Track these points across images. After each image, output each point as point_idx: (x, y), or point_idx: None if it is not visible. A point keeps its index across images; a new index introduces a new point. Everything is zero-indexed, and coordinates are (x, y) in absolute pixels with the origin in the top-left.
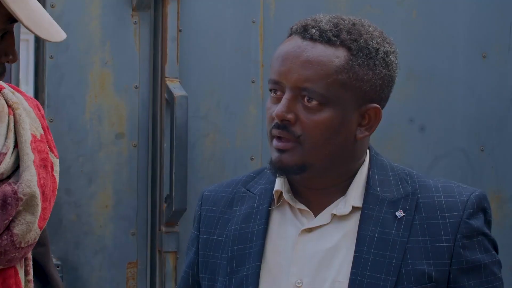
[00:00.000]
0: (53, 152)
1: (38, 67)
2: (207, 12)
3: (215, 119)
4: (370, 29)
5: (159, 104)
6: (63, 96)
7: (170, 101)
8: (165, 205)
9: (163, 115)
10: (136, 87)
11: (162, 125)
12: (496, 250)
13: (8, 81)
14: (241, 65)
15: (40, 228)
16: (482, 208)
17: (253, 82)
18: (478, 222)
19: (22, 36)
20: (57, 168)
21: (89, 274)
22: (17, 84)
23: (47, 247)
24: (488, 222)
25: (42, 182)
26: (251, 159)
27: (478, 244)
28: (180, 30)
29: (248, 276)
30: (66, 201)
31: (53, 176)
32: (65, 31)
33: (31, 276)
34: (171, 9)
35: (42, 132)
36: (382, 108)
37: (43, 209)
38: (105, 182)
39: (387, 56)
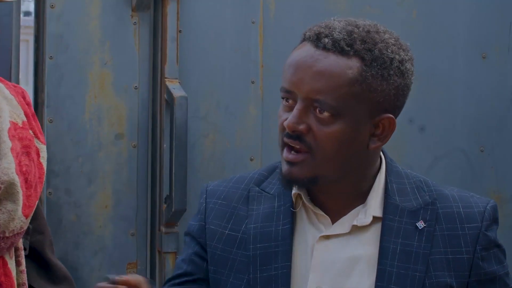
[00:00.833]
0: (38, 138)
1: (37, 67)
2: (206, 13)
3: (215, 119)
4: (386, 36)
5: (159, 104)
6: (62, 96)
7: (170, 101)
8: (164, 205)
9: (162, 116)
10: (135, 88)
11: (161, 126)
12: (505, 258)
13: (8, 81)
14: (240, 65)
15: (26, 216)
16: (495, 220)
17: (252, 82)
18: (493, 233)
19: (22, 37)
20: (43, 154)
21: (89, 275)
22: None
23: (45, 234)
24: (497, 232)
25: (24, 169)
26: (251, 159)
27: (494, 256)
28: (180, 31)
29: (278, 275)
30: (65, 201)
31: (40, 163)
32: (64, 31)
33: (23, 267)
34: (170, 10)
35: (24, 119)
36: (397, 116)
37: (28, 196)
38: (104, 183)
39: (402, 65)
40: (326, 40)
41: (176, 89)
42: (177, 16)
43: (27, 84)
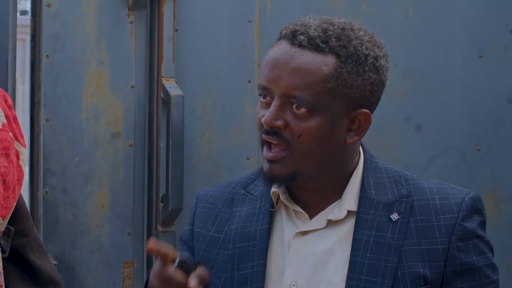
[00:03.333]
0: (19, 141)
1: (34, 66)
2: (203, 12)
3: (211, 118)
4: (360, 33)
5: (155, 103)
6: (59, 96)
7: (167, 100)
8: (161, 204)
9: (159, 115)
10: (132, 87)
11: (158, 125)
12: (492, 252)
13: (5, 80)
14: (237, 64)
15: (3, 217)
16: (476, 210)
17: (249, 81)
18: (472, 224)
19: (18, 36)
20: (23, 157)
21: (86, 274)
22: (13, 83)
23: (30, 237)
24: (482, 224)
25: (2, 170)
26: (247, 158)
27: (473, 247)
28: (176, 30)
29: (253, 274)
30: (62, 201)
31: (19, 165)
32: (61, 30)
33: (0, 268)
34: (167, 9)
35: (4, 121)
36: (373, 111)
37: (6, 197)
38: (101, 182)
39: (377, 61)
40: (302, 37)
41: (173, 88)
42: (174, 15)
43: (23, 83)
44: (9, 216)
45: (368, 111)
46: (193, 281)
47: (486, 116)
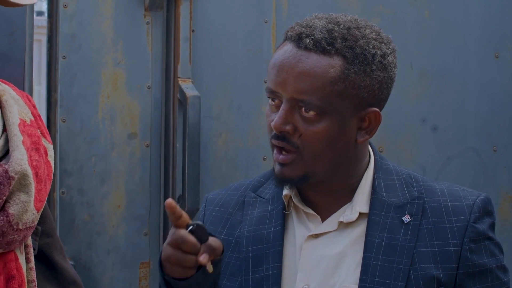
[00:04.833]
0: (46, 138)
1: (50, 67)
2: (219, 12)
3: (228, 119)
4: (366, 31)
5: (172, 104)
6: (75, 96)
7: (183, 101)
8: (178, 205)
9: (175, 115)
10: (148, 87)
11: (174, 125)
12: (502, 253)
13: (21, 81)
14: (253, 65)
15: (37, 209)
16: (487, 212)
17: (265, 82)
18: (483, 226)
19: (35, 37)
20: (51, 153)
21: (102, 274)
22: (30, 84)
23: (54, 238)
24: (492, 226)
25: (34, 163)
26: (264, 159)
27: (484, 249)
28: (193, 30)
29: (269, 276)
30: (78, 201)
31: (48, 161)
32: (77, 31)
33: (32, 264)
34: (183, 9)
35: (32, 118)
36: (382, 108)
37: (38, 190)
38: (117, 182)
39: (384, 59)
40: (307, 40)
41: (189, 89)
42: (190, 15)
43: (39, 84)
44: (42, 209)
45: (377, 109)
46: (203, 255)
47: (502, 117)
